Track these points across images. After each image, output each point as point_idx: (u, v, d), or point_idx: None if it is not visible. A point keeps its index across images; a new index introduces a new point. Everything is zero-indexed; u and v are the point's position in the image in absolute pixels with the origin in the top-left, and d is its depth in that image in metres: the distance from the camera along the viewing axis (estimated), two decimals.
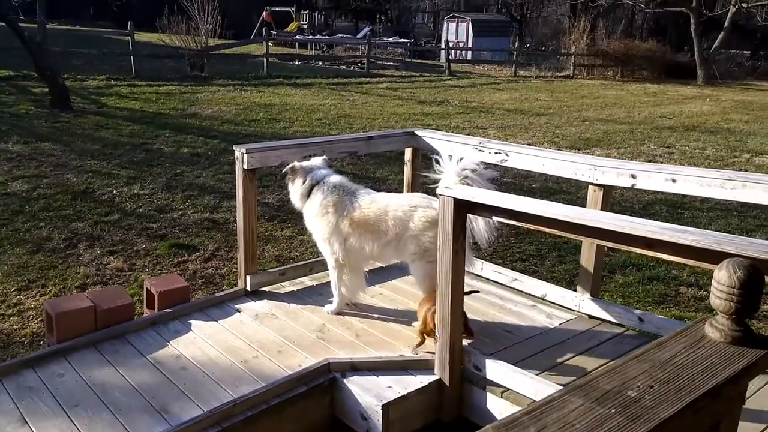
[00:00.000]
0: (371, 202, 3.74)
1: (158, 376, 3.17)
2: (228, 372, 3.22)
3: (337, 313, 3.87)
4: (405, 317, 3.87)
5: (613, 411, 0.97)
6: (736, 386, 1.16)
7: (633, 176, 3.68)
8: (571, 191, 8.18)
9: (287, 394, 3.00)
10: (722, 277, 1.21)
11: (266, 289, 4.20)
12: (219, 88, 16.62)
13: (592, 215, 2.70)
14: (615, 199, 8.06)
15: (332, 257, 3.82)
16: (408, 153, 4.84)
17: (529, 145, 10.76)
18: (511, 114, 15.42)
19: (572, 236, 2.85)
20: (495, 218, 3.12)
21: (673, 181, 3.52)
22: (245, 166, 3.92)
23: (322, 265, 4.52)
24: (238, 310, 3.92)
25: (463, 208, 3.03)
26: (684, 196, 7.83)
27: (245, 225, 4.05)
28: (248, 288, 4.12)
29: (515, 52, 28.91)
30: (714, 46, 28.45)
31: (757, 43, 35.16)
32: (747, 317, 1.23)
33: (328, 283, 4.04)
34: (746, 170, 9.96)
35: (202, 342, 3.51)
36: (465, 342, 3.31)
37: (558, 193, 8.28)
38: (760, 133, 13.85)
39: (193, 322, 3.74)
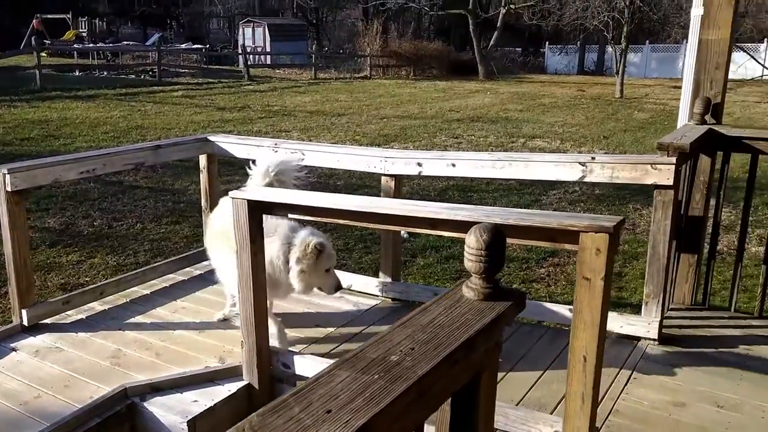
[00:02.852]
0: None
1: None
2: (3, 419, 2.86)
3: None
4: (210, 328, 3.75)
5: (377, 377, 1.02)
6: (490, 336, 1.28)
7: (419, 164, 3.93)
8: (374, 185, 8.48)
9: (79, 430, 2.74)
10: (471, 241, 1.34)
11: (48, 321, 3.78)
12: None
13: (379, 203, 2.82)
14: (413, 189, 8.55)
15: None
16: (203, 160, 4.68)
17: (332, 144, 11.00)
18: (313, 116, 15.63)
19: (365, 224, 2.96)
20: (292, 215, 3.14)
21: (453, 165, 3.81)
22: (9, 189, 3.50)
23: (115, 287, 4.22)
24: (14, 349, 3.49)
25: (257, 210, 3.01)
26: (473, 179, 8.55)
27: (15, 254, 3.61)
28: (25, 323, 3.68)
29: (314, 56, 29.32)
30: (490, 44, 31.27)
31: (526, 40, 39.36)
32: (495, 274, 1.36)
33: (122, 305, 3.78)
34: (522, 152, 11.10)
35: None
36: (273, 342, 3.30)
37: (362, 187, 8.56)
38: (532, 120, 15.53)
39: None
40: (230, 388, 3.11)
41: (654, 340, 3.47)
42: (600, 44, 33.55)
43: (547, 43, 37.46)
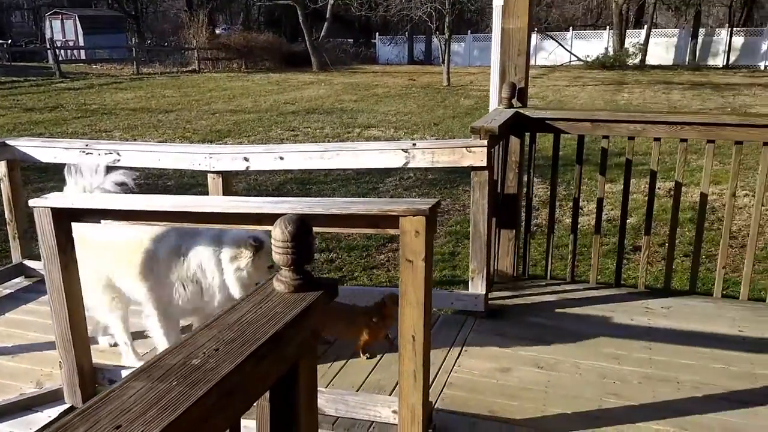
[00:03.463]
0: None
1: None
2: None
3: None
4: (24, 351, 3.40)
5: (175, 383, 0.98)
6: (302, 327, 1.28)
7: (246, 159, 3.83)
8: (206, 183, 8.20)
9: None
10: (277, 233, 1.32)
11: None
12: None
13: (200, 201, 2.71)
14: (250, 185, 8.37)
15: None
16: (2, 167, 4.21)
17: (160, 142, 10.44)
18: (137, 113, 14.72)
19: (188, 225, 2.84)
20: (104, 221, 2.92)
21: (281, 158, 3.76)
22: None
23: None
24: None
25: (64, 218, 2.76)
26: (311, 172, 8.55)
27: None
28: None
29: (135, 49, 27.58)
30: (321, 35, 31.42)
31: (357, 31, 40.06)
32: (305, 265, 1.36)
33: None
34: (357, 142, 11.30)
35: None
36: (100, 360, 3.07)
37: (195, 186, 8.22)
38: (366, 110, 15.86)
39: None
40: (50, 414, 2.84)
41: (482, 312, 3.69)
42: (426, 35, 35.05)
43: (377, 33, 38.40)
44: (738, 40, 29.34)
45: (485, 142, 3.40)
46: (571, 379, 3.06)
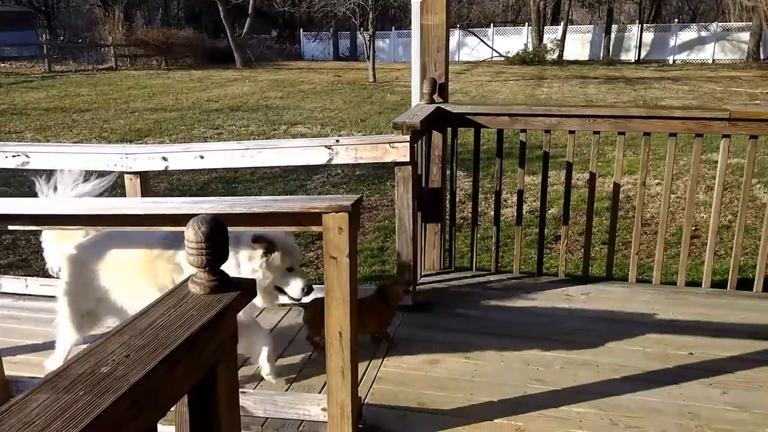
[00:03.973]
0: None
1: None
2: None
3: None
4: None
5: (81, 393, 0.94)
6: (219, 329, 1.25)
7: (164, 158, 3.71)
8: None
9: None
10: (190, 235, 1.29)
11: None
12: None
13: (113, 204, 2.61)
14: (173, 185, 8.14)
15: None
16: None
17: (76, 143, 9.98)
18: (50, 113, 14.03)
19: (104, 228, 2.73)
20: (12, 227, 2.77)
21: (201, 157, 3.67)
22: None
23: None
24: None
25: None
26: (236, 170, 8.40)
27: None
28: None
29: (46, 46, 26.24)
30: (244, 31, 30.86)
31: (281, 27, 39.56)
32: (220, 265, 1.33)
33: None
34: (282, 139, 11.19)
35: None
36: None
37: (121, 187, 7.91)
38: (293, 107, 15.71)
39: None
40: None
41: (409, 306, 3.73)
42: (351, 31, 35.01)
43: (301, 29, 38.05)
44: (648, 36, 30.81)
45: (408, 138, 3.43)
46: (497, 368, 3.14)
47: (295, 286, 2.79)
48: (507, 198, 7.07)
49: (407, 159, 3.46)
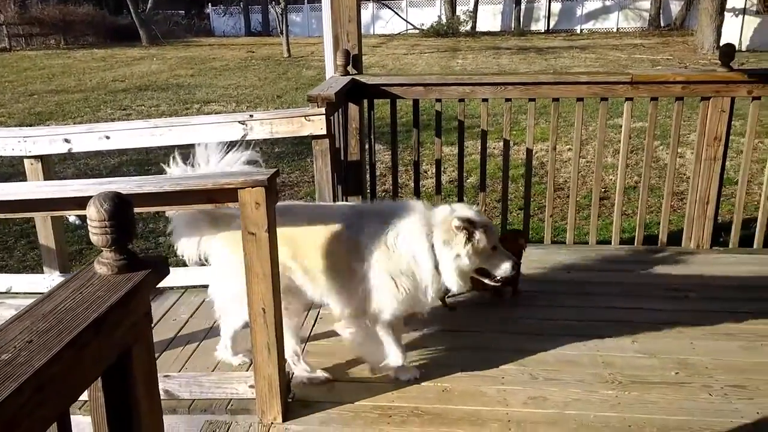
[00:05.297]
0: None
1: None
2: None
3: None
4: None
5: None
6: (130, 309, 1.20)
7: (67, 140, 3.52)
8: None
9: None
10: (92, 213, 1.22)
11: None
12: None
13: (8, 189, 2.44)
14: (80, 169, 7.75)
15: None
16: None
17: None
18: None
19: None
20: None
21: (107, 137, 3.50)
22: None
23: None
24: None
25: None
26: (149, 152, 8.07)
27: None
28: None
29: None
30: (149, 7, 29.49)
31: (188, 2, 37.99)
32: (127, 244, 1.28)
33: None
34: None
35: None
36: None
37: (17, 175, 7.45)
38: (205, 84, 15.21)
39: None
40: None
41: None
42: (263, 5, 34.11)
43: (210, 4, 36.71)
44: (556, 6, 31.65)
45: (323, 110, 3.39)
46: (419, 333, 3.19)
47: (504, 266, 2.58)
48: (427, 169, 7.14)
49: (324, 132, 3.42)
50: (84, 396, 1.17)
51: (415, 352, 2.99)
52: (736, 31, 21.31)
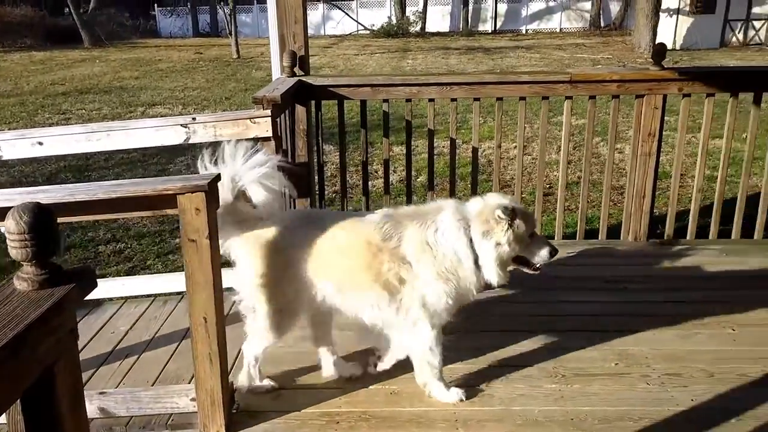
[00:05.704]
0: None
1: None
2: None
3: None
4: None
5: None
6: (52, 327, 1.15)
7: None
8: None
9: None
10: (11, 226, 1.16)
11: None
12: None
13: None
14: (15, 177, 7.46)
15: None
16: None
17: None
18: None
19: None
20: None
21: (40, 143, 3.37)
22: None
23: None
24: None
25: None
26: (89, 158, 7.84)
27: None
28: None
29: None
30: (90, 7, 28.64)
31: (133, 3, 37.05)
32: (50, 257, 1.22)
33: None
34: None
35: None
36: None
37: None
38: (150, 87, 14.85)
39: None
40: None
41: None
42: (211, 5, 33.56)
43: (155, 4, 35.89)
44: (502, 7, 32.15)
45: (269, 112, 3.34)
46: (363, 337, 3.16)
47: (542, 252, 2.53)
48: (378, 169, 7.14)
49: (270, 134, 3.36)
50: (2, 419, 1.11)
51: (360, 354, 2.97)
52: (670, 30, 22.07)
